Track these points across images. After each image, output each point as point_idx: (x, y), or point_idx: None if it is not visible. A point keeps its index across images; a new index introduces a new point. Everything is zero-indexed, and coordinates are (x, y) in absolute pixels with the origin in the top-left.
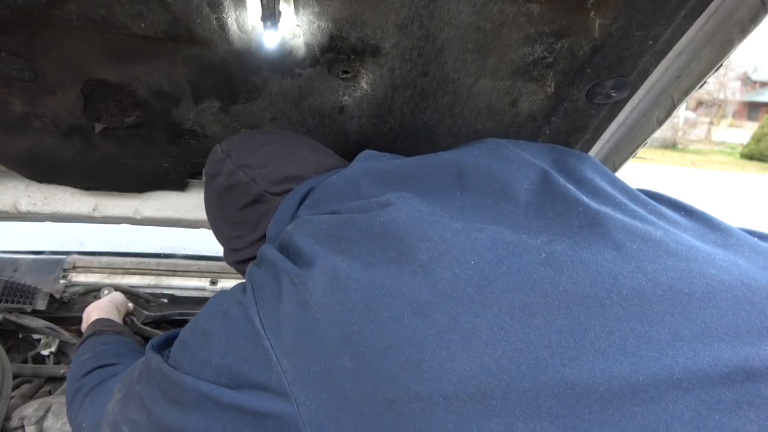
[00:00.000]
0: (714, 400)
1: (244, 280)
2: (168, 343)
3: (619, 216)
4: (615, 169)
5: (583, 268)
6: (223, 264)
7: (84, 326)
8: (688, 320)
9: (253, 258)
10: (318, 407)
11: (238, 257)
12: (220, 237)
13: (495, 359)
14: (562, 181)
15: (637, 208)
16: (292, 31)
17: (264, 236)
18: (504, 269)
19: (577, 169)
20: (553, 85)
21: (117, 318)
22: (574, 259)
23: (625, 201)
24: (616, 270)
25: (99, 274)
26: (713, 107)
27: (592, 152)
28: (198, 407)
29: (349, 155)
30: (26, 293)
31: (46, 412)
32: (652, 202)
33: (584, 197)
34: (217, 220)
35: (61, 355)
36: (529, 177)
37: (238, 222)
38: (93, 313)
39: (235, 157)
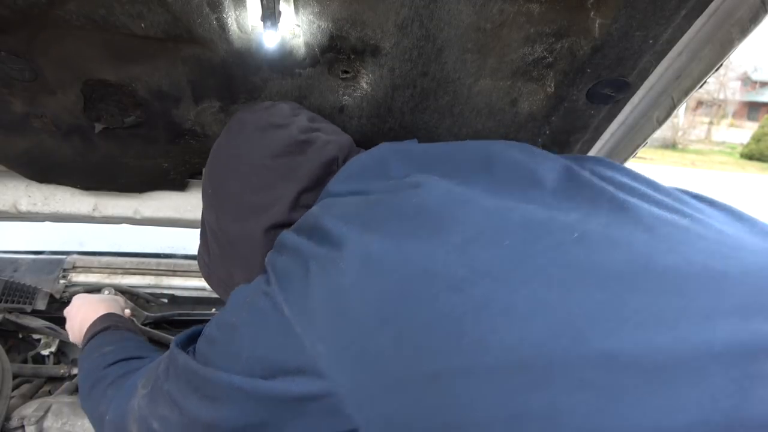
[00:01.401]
0: (756, 373)
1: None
2: (192, 339)
3: (646, 205)
4: None
5: (617, 247)
6: None
7: (82, 313)
8: (725, 296)
9: (284, 224)
10: (358, 387)
11: (268, 220)
12: (239, 190)
13: (535, 331)
14: (586, 173)
15: (662, 198)
16: (292, 31)
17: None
18: (539, 248)
19: (596, 168)
20: (553, 85)
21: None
22: (608, 238)
23: (650, 192)
24: (649, 250)
25: (99, 274)
26: (713, 107)
27: (592, 152)
28: (233, 401)
29: None
30: (26, 293)
31: (46, 412)
32: (676, 192)
33: (610, 187)
34: (250, 173)
35: (61, 355)
36: (554, 168)
37: (287, 177)
38: (99, 306)
39: (306, 117)
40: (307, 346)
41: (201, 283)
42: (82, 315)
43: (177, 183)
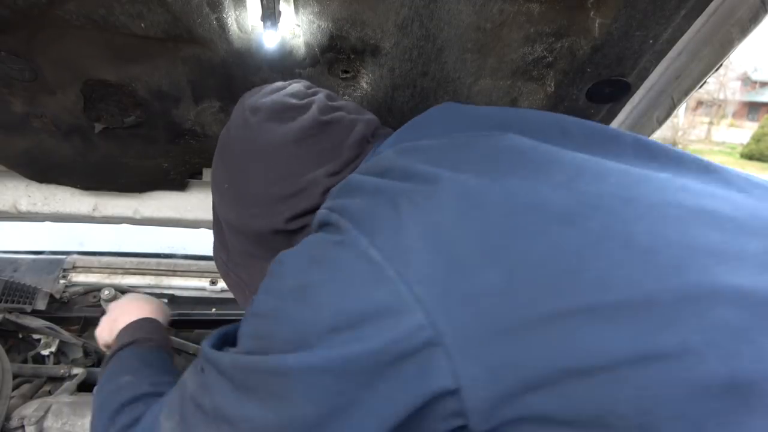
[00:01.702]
0: None
1: None
2: (225, 340)
3: (726, 172)
4: None
5: (719, 199)
6: None
7: (116, 313)
8: None
9: (314, 209)
10: (465, 332)
11: (296, 208)
12: (263, 181)
13: (660, 265)
14: (654, 144)
15: (727, 170)
16: (292, 31)
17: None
18: (643, 190)
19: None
20: (553, 84)
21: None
22: (708, 192)
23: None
24: (751, 204)
25: (99, 274)
26: (713, 107)
27: None
28: (308, 386)
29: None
30: (26, 293)
31: (46, 412)
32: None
33: (685, 156)
34: (273, 161)
35: (61, 355)
36: (628, 135)
37: (314, 162)
38: (138, 307)
39: (324, 95)
40: (403, 290)
41: (201, 283)
42: (115, 315)
43: (177, 183)
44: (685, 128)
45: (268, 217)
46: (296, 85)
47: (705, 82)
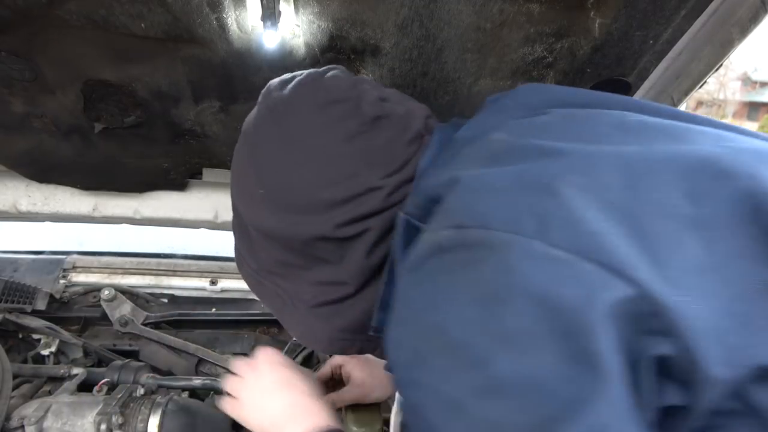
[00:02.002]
0: None
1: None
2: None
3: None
4: None
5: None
6: (223, 264)
7: (279, 423)
8: None
9: (367, 215)
10: (696, 312)
11: (354, 212)
12: (308, 186)
13: None
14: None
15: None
16: (292, 31)
17: (411, 177)
18: None
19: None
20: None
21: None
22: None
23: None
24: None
25: (99, 274)
26: (713, 107)
27: None
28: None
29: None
30: (26, 293)
31: (46, 412)
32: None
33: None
34: (321, 163)
35: (60, 355)
36: (686, 114)
37: (368, 161)
38: (298, 408)
39: (368, 85)
40: (624, 278)
41: (201, 283)
42: (272, 413)
43: (177, 183)
44: None
45: (314, 224)
46: (336, 73)
47: (705, 82)
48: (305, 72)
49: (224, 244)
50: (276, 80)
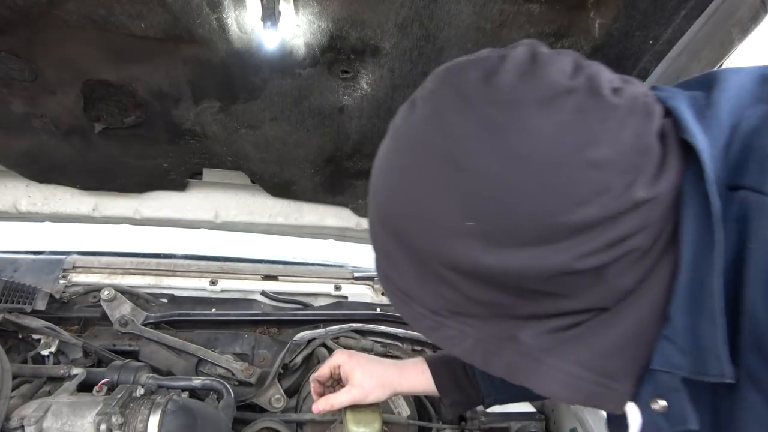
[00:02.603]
0: None
1: None
2: None
3: None
4: None
5: None
6: (223, 264)
7: None
8: None
9: (633, 233)
10: None
11: (619, 229)
12: (553, 209)
13: None
14: None
15: None
16: (292, 31)
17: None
18: None
19: None
20: None
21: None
22: None
23: None
24: None
25: (99, 274)
26: None
27: None
28: None
29: (349, 155)
30: (26, 293)
31: (46, 412)
32: None
33: None
34: (560, 178)
35: (60, 355)
36: None
37: (621, 167)
38: None
39: (597, 66)
40: None
41: (201, 283)
42: None
43: (177, 183)
44: None
45: (556, 256)
46: (564, 58)
47: None
48: (487, 51)
49: (224, 244)
50: (457, 64)
